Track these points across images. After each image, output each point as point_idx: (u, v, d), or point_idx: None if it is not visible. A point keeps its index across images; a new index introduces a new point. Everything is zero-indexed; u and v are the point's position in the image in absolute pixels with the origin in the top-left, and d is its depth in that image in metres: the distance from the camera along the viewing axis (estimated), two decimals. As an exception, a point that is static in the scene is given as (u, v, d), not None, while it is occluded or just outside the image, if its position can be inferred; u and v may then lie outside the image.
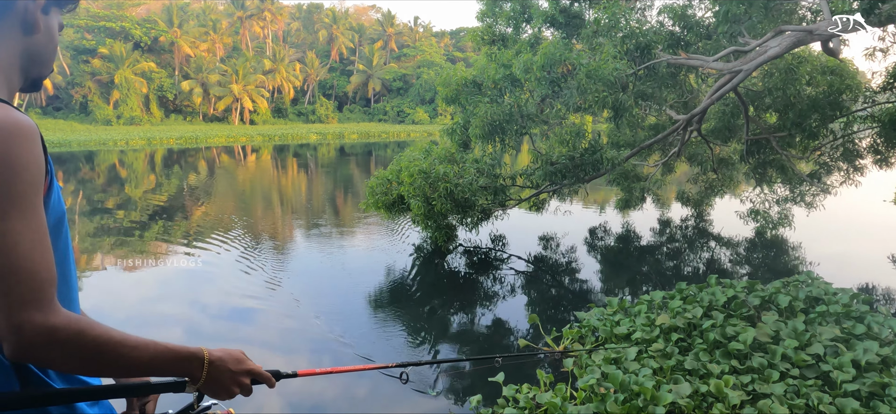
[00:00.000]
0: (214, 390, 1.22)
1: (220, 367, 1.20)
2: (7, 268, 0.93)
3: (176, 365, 1.15)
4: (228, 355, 1.23)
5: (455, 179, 8.16)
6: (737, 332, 4.95)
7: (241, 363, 1.25)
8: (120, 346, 1.04)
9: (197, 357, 1.17)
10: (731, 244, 11.20)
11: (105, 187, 21.86)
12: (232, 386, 1.23)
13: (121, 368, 1.07)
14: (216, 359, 1.20)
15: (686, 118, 8.69)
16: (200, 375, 1.18)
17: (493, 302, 8.66)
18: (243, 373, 1.25)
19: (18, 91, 1.14)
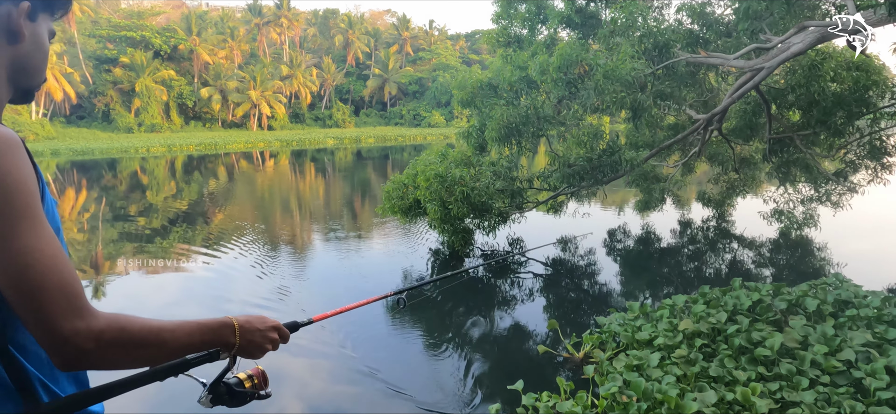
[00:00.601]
0: (250, 351, 1.32)
1: (249, 329, 1.30)
2: (36, 285, 0.92)
3: (212, 337, 1.22)
4: (251, 317, 1.33)
5: (471, 183, 8.09)
6: (763, 337, 4.80)
7: (266, 322, 1.36)
8: (160, 332, 1.09)
9: (227, 325, 1.25)
10: (755, 246, 10.96)
11: (127, 194, 22.21)
12: (265, 343, 1.34)
13: (165, 353, 1.13)
14: (245, 322, 1.29)
15: (706, 118, 8.52)
16: (234, 341, 1.26)
17: (512, 306, 8.57)
18: (270, 329, 1.36)
19: (9, 103, 1.11)
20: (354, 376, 6.10)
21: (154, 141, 44.60)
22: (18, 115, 44.24)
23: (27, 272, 0.92)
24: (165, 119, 55.13)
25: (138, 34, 54.21)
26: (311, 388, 6.21)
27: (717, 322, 5.13)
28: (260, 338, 1.32)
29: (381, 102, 72.32)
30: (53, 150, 38.41)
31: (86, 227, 15.60)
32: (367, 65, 73.24)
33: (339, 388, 6.06)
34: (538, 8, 11.61)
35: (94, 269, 10.98)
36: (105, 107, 53.74)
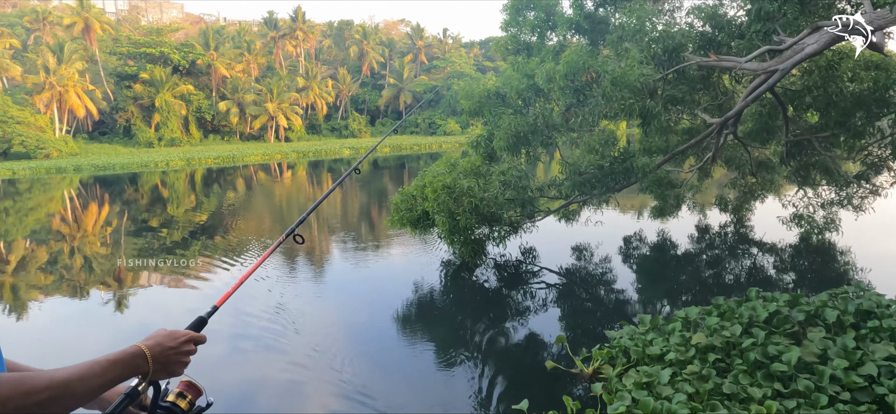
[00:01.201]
0: (167, 372, 1.29)
1: (161, 350, 1.26)
2: None
3: (123, 370, 1.19)
4: (159, 337, 1.28)
5: (480, 194, 7.98)
6: (780, 351, 4.61)
7: (176, 336, 1.31)
8: (67, 382, 1.07)
9: (138, 354, 1.22)
10: (774, 251, 10.68)
11: (149, 207, 22.58)
12: (181, 359, 1.31)
13: (78, 400, 1.10)
14: (154, 345, 1.25)
15: (720, 121, 8.32)
16: (147, 367, 1.23)
17: (523, 318, 8.43)
18: (183, 342, 1.32)
19: None
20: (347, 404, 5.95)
21: (173, 155, 45.24)
22: (43, 132, 45.24)
23: None
24: (184, 133, 55.91)
25: (157, 50, 55.14)
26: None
27: (731, 335, 4.94)
28: (174, 355, 1.29)
29: (396, 111, 72.56)
30: (76, 166, 39.14)
31: (108, 240, 15.84)
32: (381, 75, 73.60)
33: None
34: (547, 14, 11.50)
35: (118, 281, 11.16)
36: (126, 122, 54.68)
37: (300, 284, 10.40)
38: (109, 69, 54.43)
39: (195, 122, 57.35)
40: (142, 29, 65.57)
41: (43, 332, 8.72)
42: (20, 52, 50.28)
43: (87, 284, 11.30)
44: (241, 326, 8.14)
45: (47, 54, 46.08)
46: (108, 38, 57.16)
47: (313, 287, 10.29)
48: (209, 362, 6.96)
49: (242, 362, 7.09)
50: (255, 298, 9.61)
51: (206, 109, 57.58)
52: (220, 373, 6.76)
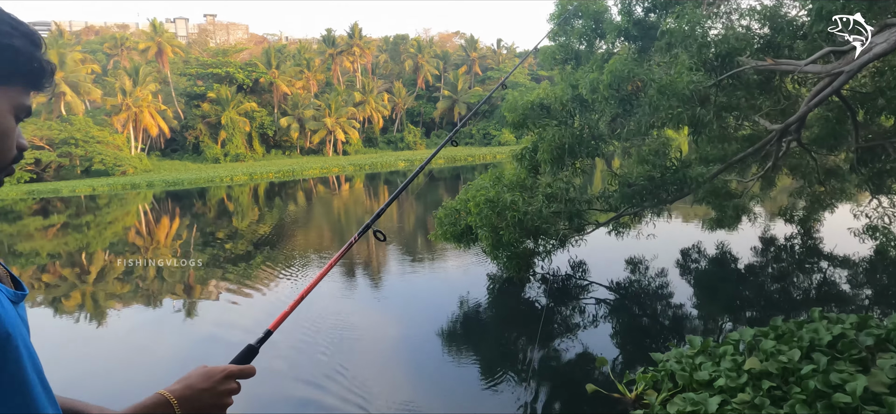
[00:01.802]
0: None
1: (192, 395, 1.15)
2: None
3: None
4: (191, 379, 1.18)
5: (524, 207, 7.82)
6: (844, 379, 4.23)
7: (211, 377, 1.19)
8: None
9: (161, 404, 1.11)
10: (846, 266, 9.93)
11: (215, 220, 23.68)
12: (218, 401, 1.19)
13: None
14: (183, 390, 1.15)
15: (780, 128, 7.82)
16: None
17: (569, 335, 8.19)
18: (220, 380, 1.20)
19: None
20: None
21: (237, 170, 47.17)
22: (120, 150, 48.25)
23: None
24: (248, 149, 58.25)
25: (223, 70, 57.85)
26: None
27: (788, 361, 4.58)
28: (210, 397, 1.17)
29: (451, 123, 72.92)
30: (148, 182, 41.49)
31: (179, 252, 16.68)
32: (436, 87, 74.27)
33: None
34: (596, 22, 11.22)
35: (187, 293, 11.74)
36: (195, 139, 57.54)
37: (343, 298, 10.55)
38: (180, 90, 57.51)
39: (258, 137, 59.63)
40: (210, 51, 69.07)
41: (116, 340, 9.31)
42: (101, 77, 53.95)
43: (158, 294, 11.96)
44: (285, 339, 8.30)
45: (124, 77, 49.20)
46: (179, 61, 60.48)
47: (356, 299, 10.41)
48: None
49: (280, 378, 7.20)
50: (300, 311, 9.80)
51: (269, 125, 59.80)
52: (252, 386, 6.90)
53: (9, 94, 0.95)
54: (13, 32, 0.93)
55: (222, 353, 8.10)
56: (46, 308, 11.38)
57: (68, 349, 8.91)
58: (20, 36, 0.94)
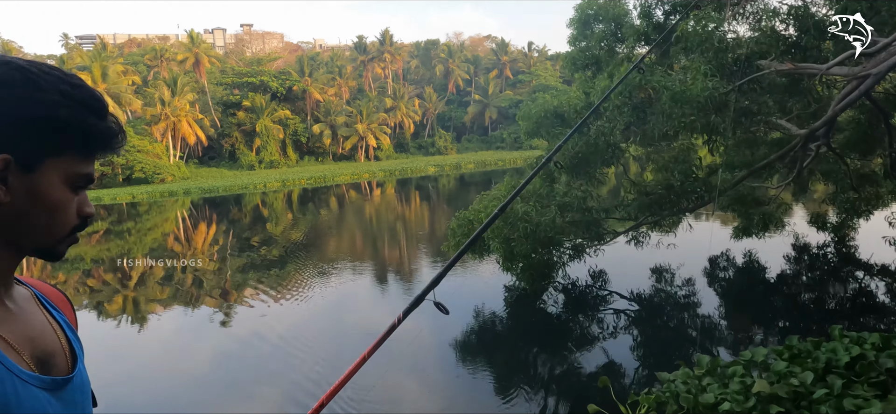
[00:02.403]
0: None
1: None
2: None
3: None
4: None
5: (536, 219, 7.69)
6: (858, 406, 3.98)
7: None
8: None
9: None
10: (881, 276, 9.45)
11: (250, 226, 24.26)
12: None
13: None
14: None
15: (805, 133, 7.50)
16: None
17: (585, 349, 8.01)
18: None
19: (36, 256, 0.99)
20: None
21: (270, 177, 48.11)
22: (159, 159, 49.80)
23: None
24: (282, 155, 59.33)
25: (258, 79, 59.13)
26: None
27: (800, 384, 4.34)
28: None
29: (481, 127, 72.85)
30: (185, 190, 42.71)
31: (216, 257, 17.13)
32: (467, 91, 74.29)
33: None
34: (616, 26, 11.01)
35: (223, 297, 12.06)
36: (231, 147, 58.94)
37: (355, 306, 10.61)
38: (216, 99, 59.02)
39: (292, 144, 60.68)
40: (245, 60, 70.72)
41: (156, 343, 9.77)
42: (141, 88, 55.85)
43: (196, 298, 12.32)
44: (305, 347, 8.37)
45: (163, 88, 50.80)
46: (216, 70, 62.12)
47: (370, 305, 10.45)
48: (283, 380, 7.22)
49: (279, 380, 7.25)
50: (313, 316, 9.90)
51: (302, 132, 60.81)
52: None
53: (60, 165, 0.93)
54: (62, 102, 0.90)
55: (255, 358, 8.29)
56: (90, 312, 11.90)
57: (111, 351, 9.30)
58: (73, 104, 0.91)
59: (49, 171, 0.91)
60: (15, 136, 0.87)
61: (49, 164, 0.91)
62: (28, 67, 0.89)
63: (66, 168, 0.93)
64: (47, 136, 0.90)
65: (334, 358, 7.98)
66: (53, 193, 0.92)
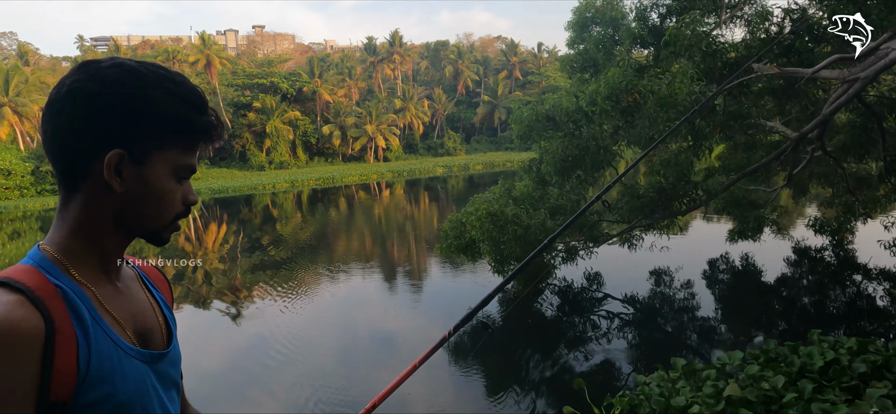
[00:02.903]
0: None
1: None
2: None
3: None
4: None
5: (526, 221, 7.75)
6: (826, 410, 4.00)
7: None
8: None
9: None
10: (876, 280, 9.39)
11: (260, 226, 24.53)
12: None
13: None
14: None
15: (796, 136, 7.48)
16: None
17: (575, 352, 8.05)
18: None
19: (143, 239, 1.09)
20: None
21: (280, 177, 48.48)
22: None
23: None
24: (292, 156, 59.76)
25: (268, 80, 59.61)
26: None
27: (771, 388, 4.37)
28: None
29: (491, 128, 72.84)
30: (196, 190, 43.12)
31: (226, 257, 17.36)
32: (476, 92, 74.31)
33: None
34: (613, 29, 11.04)
35: (234, 294, 12.25)
36: (242, 148, 59.45)
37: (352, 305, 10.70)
38: (228, 100, 59.55)
39: (302, 145, 61.09)
40: (256, 61, 71.27)
41: None
42: (154, 90, 56.47)
43: (207, 298, 12.52)
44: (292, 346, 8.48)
45: (175, 89, 51.40)
46: (227, 72, 62.66)
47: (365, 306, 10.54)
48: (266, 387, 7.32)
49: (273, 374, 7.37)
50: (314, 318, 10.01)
51: (312, 133, 61.19)
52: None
53: (167, 158, 1.01)
54: (169, 99, 0.99)
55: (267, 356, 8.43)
56: None
57: None
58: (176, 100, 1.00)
59: (157, 164, 1.00)
60: (128, 131, 0.96)
61: (157, 157, 1.00)
62: (138, 68, 0.98)
63: (172, 160, 1.02)
64: (156, 132, 0.98)
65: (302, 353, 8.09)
66: (161, 184, 1.01)
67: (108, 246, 1.03)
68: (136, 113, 0.96)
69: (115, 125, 0.95)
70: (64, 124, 0.95)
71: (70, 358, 0.89)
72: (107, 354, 0.95)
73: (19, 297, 0.88)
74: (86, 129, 0.94)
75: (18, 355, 0.84)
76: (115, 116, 0.95)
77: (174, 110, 0.99)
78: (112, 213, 1.00)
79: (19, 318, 0.85)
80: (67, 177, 0.98)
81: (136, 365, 1.00)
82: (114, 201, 0.99)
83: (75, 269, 0.98)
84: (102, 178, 0.96)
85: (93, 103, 0.94)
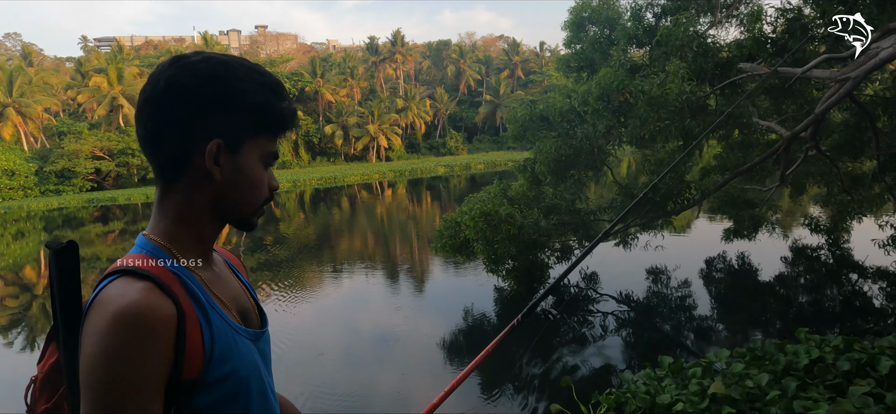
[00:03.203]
0: None
1: None
2: None
3: None
4: None
5: (520, 220, 7.79)
6: (807, 407, 4.04)
7: None
8: None
9: None
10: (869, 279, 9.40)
11: (263, 226, 24.59)
12: None
13: None
14: None
15: (789, 136, 7.50)
16: None
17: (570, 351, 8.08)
18: None
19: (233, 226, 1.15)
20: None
21: (282, 177, 48.57)
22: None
23: None
24: (294, 156, 59.95)
25: (270, 81, 59.80)
26: None
27: (755, 385, 4.41)
28: None
29: (493, 127, 72.87)
30: (198, 190, 43.31)
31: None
32: (478, 92, 74.37)
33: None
34: (610, 29, 11.05)
35: None
36: (245, 148, 59.69)
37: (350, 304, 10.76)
38: (231, 100, 59.76)
39: (304, 145, 61.29)
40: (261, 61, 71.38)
41: None
42: (156, 90, 56.70)
43: None
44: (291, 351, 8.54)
45: (177, 90, 51.58)
46: (230, 72, 62.85)
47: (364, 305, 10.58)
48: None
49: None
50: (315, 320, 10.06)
51: (314, 133, 61.36)
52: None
53: (259, 145, 1.08)
54: (258, 89, 1.05)
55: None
56: None
57: None
58: (264, 90, 1.06)
59: (249, 151, 1.06)
60: (224, 122, 1.02)
61: (249, 145, 1.06)
62: (227, 61, 1.03)
63: (261, 147, 1.08)
64: (248, 121, 1.04)
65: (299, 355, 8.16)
66: (253, 171, 1.08)
67: (206, 233, 1.08)
68: (230, 104, 1.01)
69: (213, 116, 1.00)
70: (166, 119, 0.99)
71: (197, 339, 0.95)
72: (224, 333, 1.01)
73: (149, 283, 0.93)
74: (187, 122, 0.99)
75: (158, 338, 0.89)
76: (212, 108, 1.00)
77: (263, 100, 1.05)
78: (210, 201, 1.05)
79: (155, 303, 0.91)
80: (168, 169, 1.03)
81: (246, 343, 1.07)
82: (212, 190, 1.04)
83: (182, 255, 1.04)
84: (202, 168, 1.01)
85: (192, 97, 0.99)
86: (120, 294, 0.90)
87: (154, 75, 1.01)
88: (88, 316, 0.91)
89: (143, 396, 0.88)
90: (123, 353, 0.86)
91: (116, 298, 0.90)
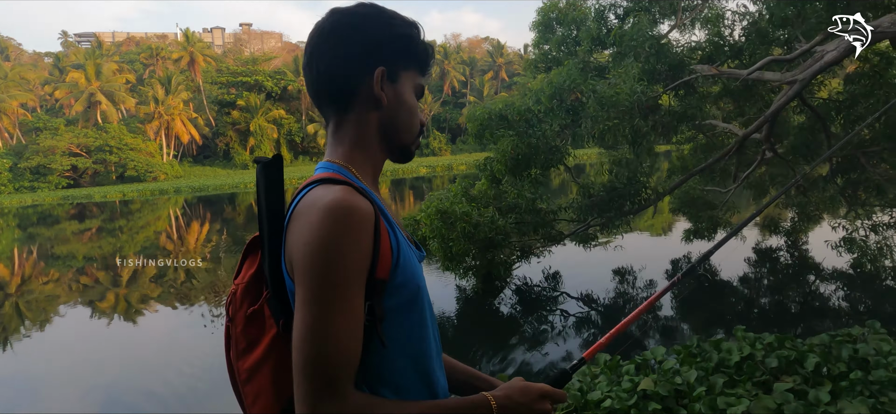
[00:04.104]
0: None
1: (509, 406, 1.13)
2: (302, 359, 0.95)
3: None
4: (511, 390, 1.15)
5: (475, 218, 7.79)
6: (729, 404, 4.07)
7: (529, 391, 1.16)
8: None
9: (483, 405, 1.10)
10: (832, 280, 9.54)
11: (244, 225, 24.37)
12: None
13: None
14: (503, 398, 1.13)
15: (740, 137, 7.60)
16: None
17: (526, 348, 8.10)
18: (537, 398, 1.16)
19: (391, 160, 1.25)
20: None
21: (263, 176, 48.20)
22: (152, 157, 49.94)
23: (301, 346, 0.95)
24: (276, 155, 59.56)
25: (252, 79, 59.33)
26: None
27: (683, 382, 4.44)
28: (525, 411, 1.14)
29: (477, 129, 73.03)
30: (176, 188, 42.86)
31: (208, 256, 17.22)
32: (462, 93, 74.45)
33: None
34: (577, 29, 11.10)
35: (216, 296, 12.14)
36: (226, 146, 59.19)
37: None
38: (212, 98, 59.24)
39: (286, 144, 60.89)
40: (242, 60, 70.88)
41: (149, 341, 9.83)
42: (136, 86, 56.07)
43: (188, 297, 12.38)
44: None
45: (157, 86, 51.05)
46: (212, 70, 62.30)
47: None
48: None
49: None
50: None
51: (296, 132, 61.01)
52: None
53: (411, 77, 1.19)
54: (405, 25, 1.16)
55: None
56: (84, 308, 12.10)
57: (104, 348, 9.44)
58: (411, 26, 1.17)
59: (405, 81, 1.17)
60: (385, 52, 1.13)
61: (404, 76, 1.17)
62: (376, 4, 1.15)
63: (413, 79, 1.19)
64: (403, 53, 1.16)
65: None
66: (410, 99, 1.18)
67: (377, 159, 1.19)
68: (388, 36, 1.13)
69: (376, 47, 1.12)
70: (336, 55, 1.10)
71: (386, 242, 1.02)
72: (404, 244, 1.10)
73: (348, 186, 1.01)
74: (356, 55, 1.11)
75: (363, 232, 0.97)
76: (375, 40, 1.12)
77: (413, 34, 1.17)
78: (378, 125, 1.15)
79: (358, 201, 0.98)
80: (341, 100, 1.14)
81: (419, 264, 1.16)
82: (379, 115, 1.14)
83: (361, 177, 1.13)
84: (370, 96, 1.12)
85: (355, 32, 1.11)
86: (325, 194, 0.98)
87: (319, 25, 1.13)
88: (295, 217, 1.00)
89: (353, 283, 0.96)
90: (337, 242, 0.94)
91: (323, 196, 0.98)
